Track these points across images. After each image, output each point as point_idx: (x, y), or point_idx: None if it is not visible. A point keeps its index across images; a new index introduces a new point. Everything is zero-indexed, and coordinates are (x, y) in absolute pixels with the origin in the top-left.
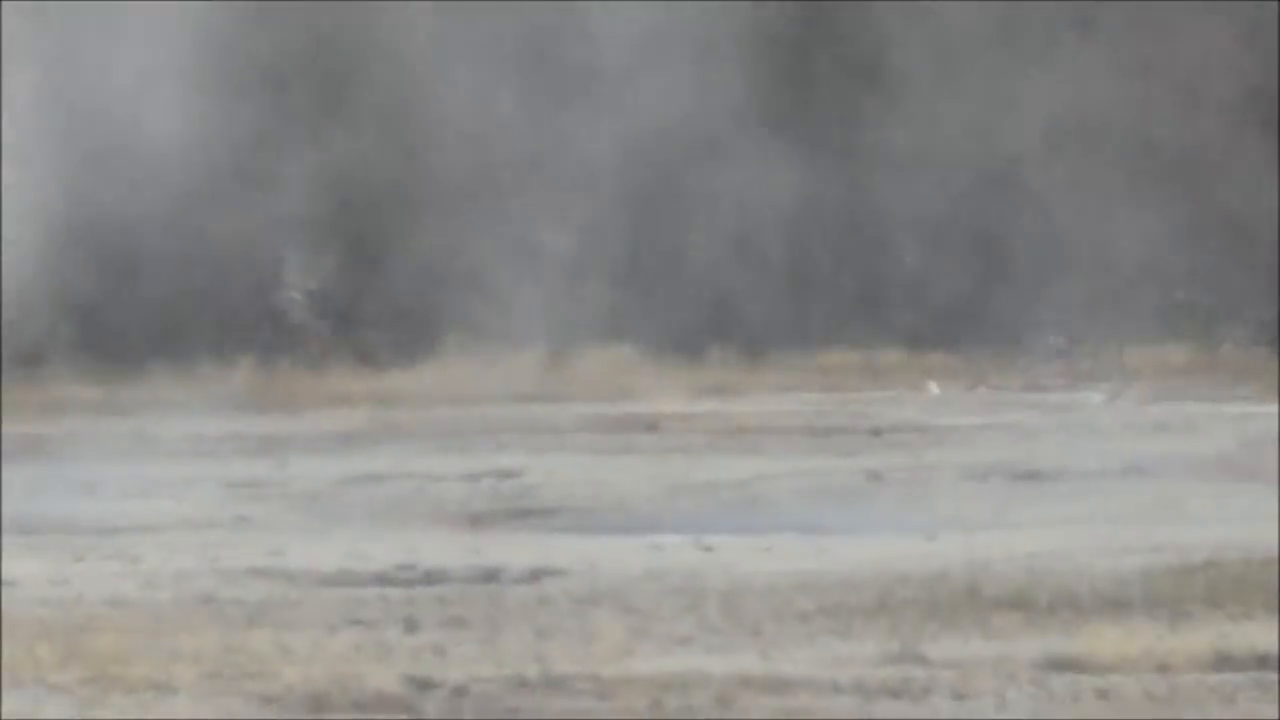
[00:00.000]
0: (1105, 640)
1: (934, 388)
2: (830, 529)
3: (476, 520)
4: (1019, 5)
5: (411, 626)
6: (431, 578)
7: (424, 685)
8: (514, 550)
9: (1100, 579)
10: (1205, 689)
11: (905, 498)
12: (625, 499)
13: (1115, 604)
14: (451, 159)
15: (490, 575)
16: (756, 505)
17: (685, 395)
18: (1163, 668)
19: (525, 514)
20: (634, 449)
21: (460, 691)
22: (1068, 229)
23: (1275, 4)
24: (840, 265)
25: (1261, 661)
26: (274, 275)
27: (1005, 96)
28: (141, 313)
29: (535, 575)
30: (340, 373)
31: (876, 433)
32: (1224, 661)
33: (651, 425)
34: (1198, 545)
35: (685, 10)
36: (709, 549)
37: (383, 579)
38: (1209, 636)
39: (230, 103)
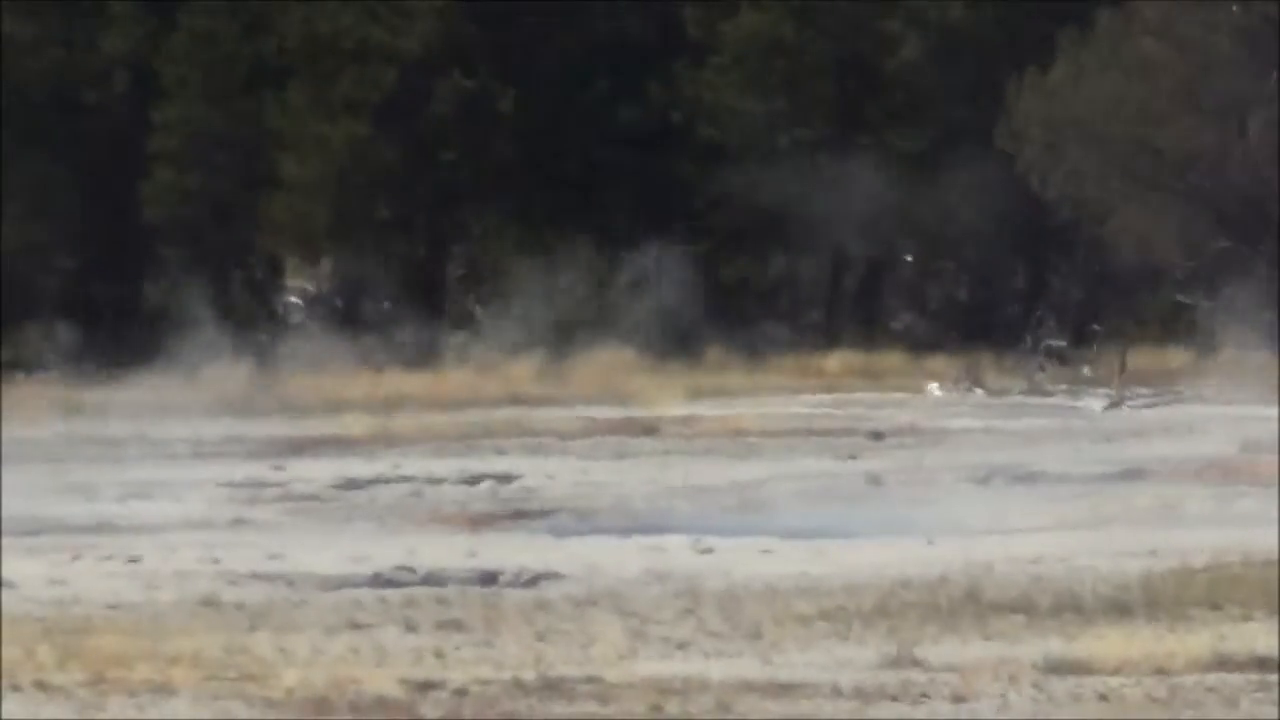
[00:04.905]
0: (1106, 643)
1: (935, 390)
2: (830, 532)
3: (475, 522)
4: None
5: (411, 629)
6: (430, 580)
7: (423, 688)
8: (513, 553)
9: (1101, 582)
10: (1205, 691)
11: (905, 501)
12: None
13: (1116, 607)
14: None
15: (489, 578)
16: (756, 508)
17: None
18: (1163, 670)
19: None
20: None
21: (459, 694)
22: None
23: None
24: None
25: (1261, 663)
26: None
27: None
28: None
29: (534, 578)
30: None
31: (877, 435)
32: (1224, 663)
33: (650, 428)
34: (1198, 548)
35: None
36: (708, 552)
37: (382, 581)
38: (1209, 639)
39: None
